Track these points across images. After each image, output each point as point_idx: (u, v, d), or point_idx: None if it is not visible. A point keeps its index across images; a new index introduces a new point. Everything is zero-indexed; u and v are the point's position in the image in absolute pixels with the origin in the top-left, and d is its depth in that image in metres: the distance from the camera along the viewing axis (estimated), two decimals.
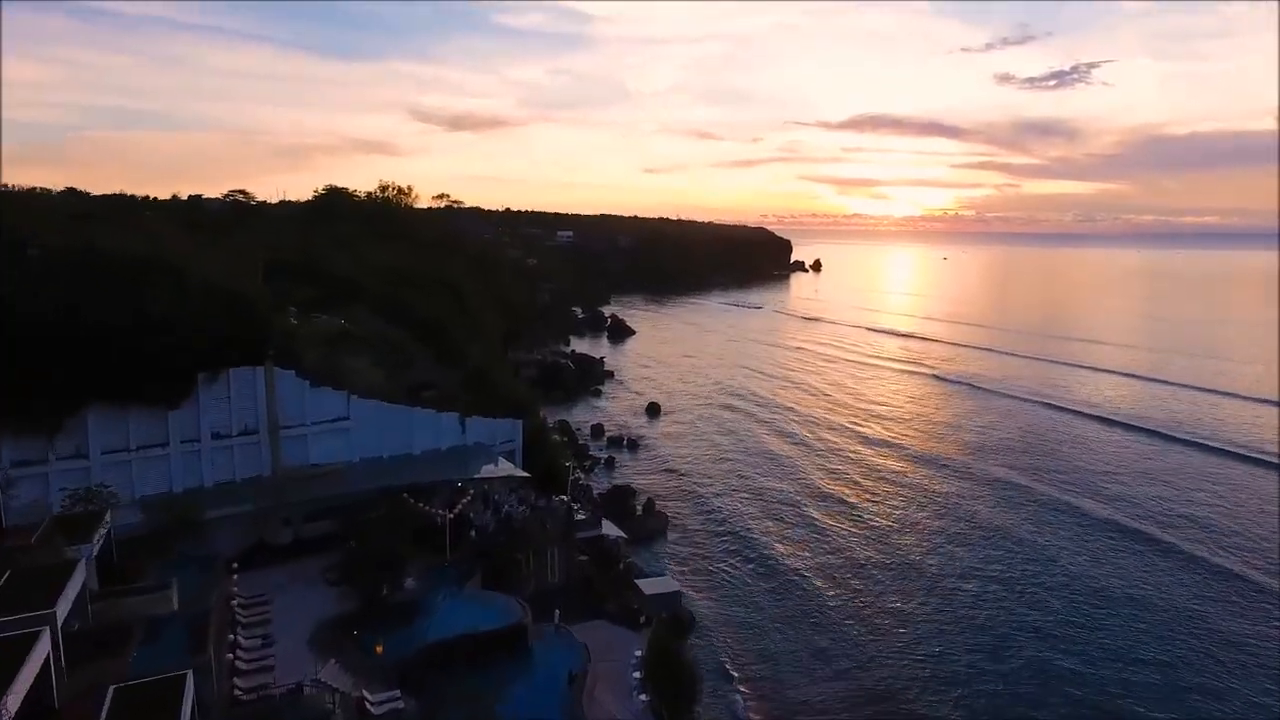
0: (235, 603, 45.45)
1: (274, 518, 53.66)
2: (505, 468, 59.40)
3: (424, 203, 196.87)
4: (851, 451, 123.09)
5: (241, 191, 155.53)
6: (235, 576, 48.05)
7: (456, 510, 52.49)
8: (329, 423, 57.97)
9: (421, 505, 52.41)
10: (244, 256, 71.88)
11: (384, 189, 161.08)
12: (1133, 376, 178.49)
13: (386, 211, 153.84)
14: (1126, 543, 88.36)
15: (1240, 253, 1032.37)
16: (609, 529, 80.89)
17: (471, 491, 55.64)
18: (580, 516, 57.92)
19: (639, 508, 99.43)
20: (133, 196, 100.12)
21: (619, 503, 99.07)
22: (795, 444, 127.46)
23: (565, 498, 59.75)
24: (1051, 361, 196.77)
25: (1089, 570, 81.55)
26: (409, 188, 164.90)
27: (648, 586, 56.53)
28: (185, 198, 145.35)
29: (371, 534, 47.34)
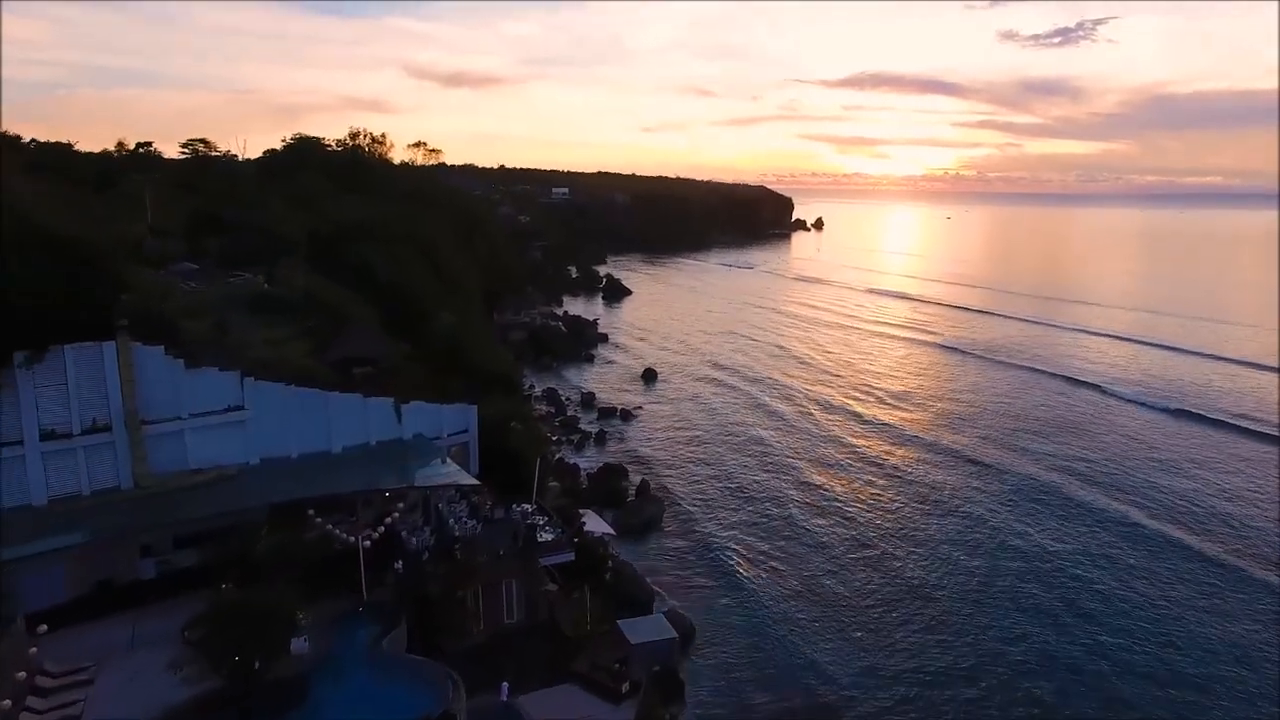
0: (8, 700, 30.74)
1: (128, 545, 39.51)
2: (450, 470, 45.21)
3: (405, 155, 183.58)
4: (856, 429, 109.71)
5: (202, 141, 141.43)
6: (34, 650, 33.47)
7: (380, 531, 39.45)
8: (216, 414, 43.35)
9: (331, 525, 39.11)
10: (133, 206, 58.04)
11: (354, 136, 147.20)
12: (1142, 344, 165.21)
13: (357, 162, 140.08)
14: (1148, 546, 76.08)
15: (1244, 213, 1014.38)
16: (594, 524, 68.78)
17: (401, 505, 42.07)
18: (546, 535, 44.23)
19: (632, 490, 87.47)
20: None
21: (609, 485, 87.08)
22: (802, 417, 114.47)
23: (531, 507, 46.18)
24: (1059, 328, 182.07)
25: (1116, 579, 69.50)
26: (383, 135, 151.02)
27: (634, 631, 43.35)
28: (132, 148, 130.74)
29: (252, 571, 34.10)
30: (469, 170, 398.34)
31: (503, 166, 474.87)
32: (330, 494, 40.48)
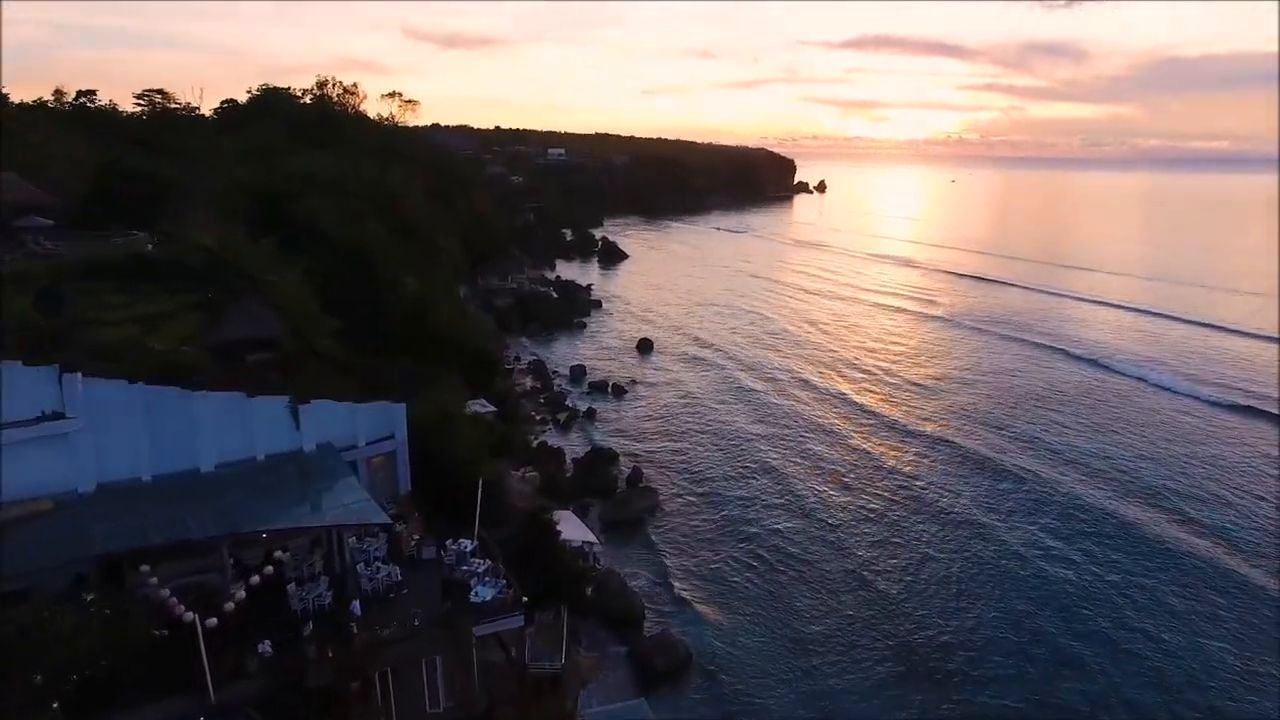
0: None
1: None
2: (353, 501, 31.97)
3: (382, 108, 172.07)
4: (864, 413, 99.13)
5: (159, 92, 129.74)
6: None
7: (241, 597, 27.76)
8: (23, 425, 30.13)
9: (167, 592, 26.46)
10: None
11: (322, 85, 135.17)
12: (1147, 314, 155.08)
13: (324, 115, 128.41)
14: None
15: (1253, 177, 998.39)
16: (574, 531, 58.84)
17: (279, 555, 30.48)
18: (486, 591, 32.28)
19: (622, 480, 77.80)
20: None
21: (597, 474, 77.58)
22: (810, 398, 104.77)
23: (470, 544, 34.63)
24: (1069, 297, 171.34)
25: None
26: (354, 85, 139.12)
27: None
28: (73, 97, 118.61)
29: (28, 668, 22.94)
30: (463, 131, 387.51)
31: (498, 128, 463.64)
32: (179, 539, 28.22)
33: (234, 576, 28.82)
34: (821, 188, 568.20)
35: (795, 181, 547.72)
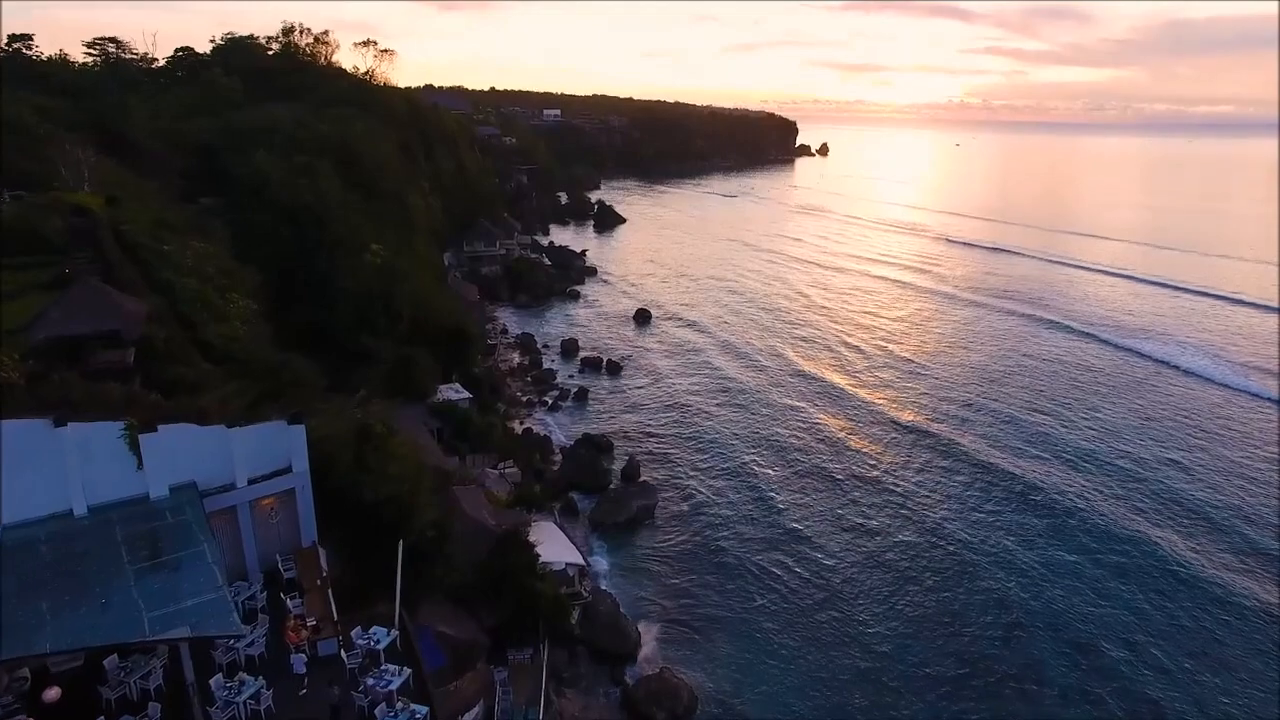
0: None
1: None
2: (194, 597, 20.46)
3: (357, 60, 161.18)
4: (880, 400, 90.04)
5: (112, 39, 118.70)
6: None
7: None
8: None
9: None
10: None
11: (288, 33, 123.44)
12: (1161, 286, 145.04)
13: (290, 64, 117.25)
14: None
15: (1261, 141, 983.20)
16: (555, 549, 49.48)
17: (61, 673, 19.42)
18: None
19: (615, 474, 68.52)
20: None
21: (588, 465, 68.11)
22: (826, 378, 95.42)
23: (389, 634, 23.54)
24: (1080, 268, 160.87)
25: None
26: (325, 33, 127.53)
27: None
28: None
29: None
30: (457, 92, 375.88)
31: (494, 89, 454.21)
32: None
33: (16, 695, 18.79)
34: (824, 151, 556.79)
35: (797, 145, 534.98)
